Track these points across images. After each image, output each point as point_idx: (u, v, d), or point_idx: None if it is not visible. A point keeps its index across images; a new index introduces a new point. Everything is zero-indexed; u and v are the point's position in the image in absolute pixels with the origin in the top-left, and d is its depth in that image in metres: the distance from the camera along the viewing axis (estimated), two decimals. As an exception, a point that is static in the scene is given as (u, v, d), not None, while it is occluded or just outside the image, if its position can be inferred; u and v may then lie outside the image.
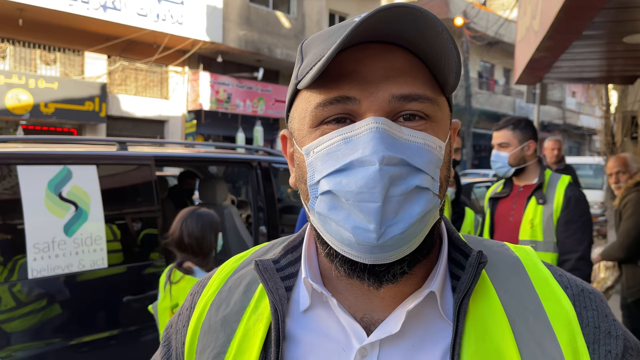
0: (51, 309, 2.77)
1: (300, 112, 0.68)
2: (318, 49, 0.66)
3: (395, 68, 0.63)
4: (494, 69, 27.32)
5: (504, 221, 2.93)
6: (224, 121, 15.76)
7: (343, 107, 0.63)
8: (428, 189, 0.62)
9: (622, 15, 3.61)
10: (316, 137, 0.65)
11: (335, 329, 0.69)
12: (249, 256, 0.85)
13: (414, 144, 0.62)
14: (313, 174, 0.65)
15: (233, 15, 14.65)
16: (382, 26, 0.60)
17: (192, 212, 2.69)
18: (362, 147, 0.60)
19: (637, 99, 6.41)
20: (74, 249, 2.82)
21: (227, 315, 0.75)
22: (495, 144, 2.93)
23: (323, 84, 0.63)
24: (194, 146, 6.25)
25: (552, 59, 4.83)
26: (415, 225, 0.61)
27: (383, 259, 0.61)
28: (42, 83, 11.96)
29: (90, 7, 11.80)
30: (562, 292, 0.69)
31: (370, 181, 0.58)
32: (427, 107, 0.64)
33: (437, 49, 0.61)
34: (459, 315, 0.65)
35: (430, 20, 0.59)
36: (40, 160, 2.81)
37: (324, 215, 0.63)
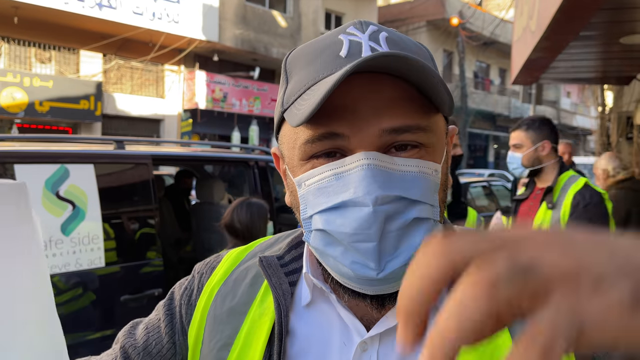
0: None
1: (288, 141, 0.67)
2: (303, 74, 0.65)
3: (384, 99, 0.61)
4: (489, 69, 27.39)
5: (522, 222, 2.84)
6: (220, 120, 15.74)
7: (332, 143, 0.61)
8: (428, 218, 0.61)
9: (619, 16, 3.62)
10: (307, 170, 0.64)
11: (336, 323, 0.70)
12: (254, 248, 0.84)
13: (409, 173, 0.61)
14: (305, 207, 0.65)
15: (229, 14, 14.63)
16: (371, 64, 0.58)
17: (243, 202, 2.87)
18: (353, 187, 0.59)
19: (632, 99, 6.44)
20: (71, 248, 2.81)
21: (234, 307, 0.75)
22: (511, 144, 2.88)
23: (310, 119, 0.60)
24: (190, 145, 6.24)
25: (548, 60, 4.85)
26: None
27: (385, 290, 0.62)
28: (37, 81, 11.90)
29: (86, 5, 11.76)
30: None
31: (365, 223, 0.58)
32: (420, 137, 0.62)
33: (427, 86, 0.60)
34: None
35: (421, 66, 0.57)
36: (38, 159, 2.80)
37: (320, 250, 0.64)
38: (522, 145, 2.80)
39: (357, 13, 18.93)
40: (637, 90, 6.19)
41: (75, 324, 2.84)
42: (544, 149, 2.75)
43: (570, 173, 2.75)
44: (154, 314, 0.87)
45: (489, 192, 8.92)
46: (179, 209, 5.87)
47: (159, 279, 3.21)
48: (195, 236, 5.07)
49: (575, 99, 31.70)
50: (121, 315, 3.03)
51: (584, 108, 30.13)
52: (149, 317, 0.88)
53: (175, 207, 5.84)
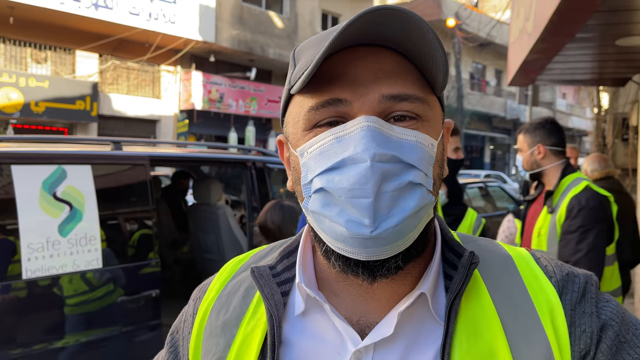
0: (45, 309, 2.75)
1: (294, 116, 0.69)
2: (309, 53, 0.67)
3: (384, 69, 0.64)
4: (485, 70, 27.46)
5: (529, 225, 2.83)
6: (217, 121, 15.73)
7: (335, 110, 0.64)
8: (421, 184, 0.62)
9: (615, 18, 3.64)
10: (310, 139, 0.66)
11: (330, 332, 0.70)
12: (247, 260, 0.85)
13: (406, 141, 0.63)
14: (307, 173, 0.66)
15: (226, 14, 14.62)
16: (370, 28, 0.61)
17: (276, 203, 3.01)
18: (353, 145, 0.61)
19: (628, 101, 6.47)
20: (69, 249, 2.80)
21: (227, 320, 0.76)
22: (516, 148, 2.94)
23: (314, 87, 0.64)
24: (186, 146, 6.24)
25: (545, 61, 4.87)
26: (410, 220, 0.61)
27: (377, 255, 0.62)
28: (33, 82, 11.87)
29: (82, 5, 11.73)
30: (547, 283, 0.69)
31: (362, 178, 0.59)
32: (418, 107, 0.64)
33: (423, 49, 0.62)
34: (450, 316, 0.66)
35: (415, 21, 0.59)
36: (35, 160, 2.79)
37: (317, 212, 0.64)
38: (521, 150, 2.82)
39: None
40: (632, 91, 6.22)
41: (73, 325, 2.83)
42: (540, 152, 2.72)
43: (574, 176, 2.66)
44: (163, 350, 0.88)
45: (485, 193, 8.95)
46: (175, 210, 5.87)
47: (156, 280, 3.21)
48: (192, 237, 5.07)
49: (571, 100, 31.82)
50: (118, 316, 3.02)
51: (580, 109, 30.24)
52: (160, 353, 0.89)
53: (172, 208, 5.84)
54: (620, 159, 6.85)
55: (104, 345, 2.94)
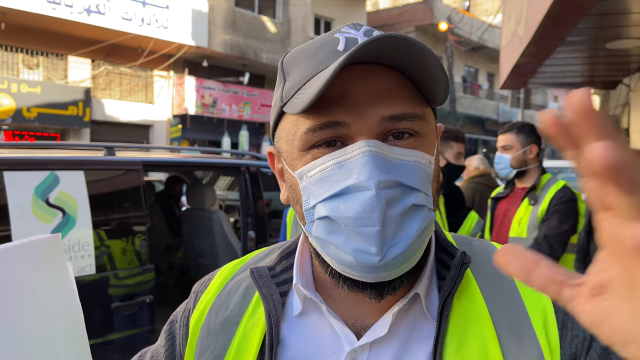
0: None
1: (287, 134, 0.68)
2: (301, 69, 0.66)
3: (382, 88, 0.63)
4: (477, 73, 27.59)
5: (501, 220, 3.05)
6: (210, 126, 15.70)
7: (333, 132, 0.63)
8: (424, 205, 0.63)
9: (605, 22, 3.67)
10: (307, 161, 0.65)
11: (327, 333, 0.71)
12: (247, 261, 0.86)
13: (406, 162, 0.63)
14: (308, 198, 0.65)
15: (218, 19, 14.62)
16: (369, 53, 0.60)
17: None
18: (356, 172, 0.60)
19: (618, 103, 6.52)
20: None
21: (227, 318, 0.77)
22: (499, 146, 3.04)
23: (312, 108, 0.62)
24: (180, 151, 6.22)
25: (536, 64, 4.90)
26: (415, 243, 0.62)
27: (385, 278, 0.63)
28: (25, 87, 11.81)
29: (74, 10, 11.70)
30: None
31: (368, 206, 0.59)
32: (416, 125, 0.65)
33: (423, 72, 0.62)
34: (442, 315, 0.67)
35: (420, 49, 0.59)
36: (27, 166, 2.78)
37: (322, 239, 0.64)
38: (512, 147, 2.97)
39: (346, 18, 19.00)
40: (623, 94, 6.27)
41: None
42: (532, 152, 2.93)
43: (550, 176, 2.98)
44: (158, 341, 0.89)
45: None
46: (169, 215, 5.85)
47: (150, 286, 3.20)
48: (186, 242, 5.05)
49: (563, 103, 32.00)
50: (112, 322, 3.00)
51: (571, 112, 30.34)
52: (155, 345, 0.90)
53: (165, 213, 5.82)
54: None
55: (97, 352, 2.92)
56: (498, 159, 3.03)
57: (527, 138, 2.94)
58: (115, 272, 3.04)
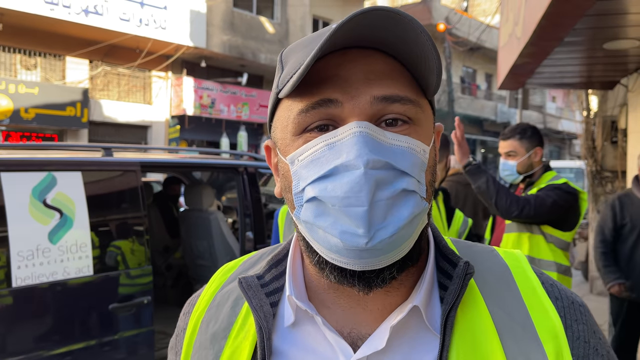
0: (35, 317, 2.72)
1: (282, 120, 0.67)
2: (297, 57, 0.66)
3: (375, 71, 0.62)
4: (476, 74, 27.62)
5: (501, 220, 3.07)
6: (208, 126, 15.69)
7: (325, 112, 0.62)
8: (415, 191, 0.61)
9: (603, 22, 3.68)
10: (299, 145, 0.64)
11: (322, 344, 0.68)
12: (237, 268, 0.83)
13: (398, 147, 0.61)
14: (298, 182, 0.64)
15: (217, 20, 14.62)
16: (361, 31, 0.59)
17: None
18: (346, 152, 0.59)
19: (616, 104, 6.53)
20: (59, 256, 2.78)
21: (216, 332, 0.75)
22: (503, 152, 3.00)
23: (304, 90, 0.62)
24: (178, 152, 6.22)
25: (534, 65, 4.90)
26: (405, 229, 0.60)
27: (373, 265, 0.60)
28: (23, 88, 11.79)
29: (72, 11, 11.68)
30: (550, 304, 0.68)
31: (356, 185, 0.57)
32: (410, 110, 0.63)
33: (416, 51, 0.61)
34: (446, 328, 0.64)
35: (409, 23, 0.58)
36: (24, 167, 2.77)
37: (310, 222, 0.62)
38: (517, 154, 2.93)
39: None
40: (620, 95, 6.28)
41: (64, 333, 2.80)
42: (537, 155, 2.92)
43: (554, 173, 2.94)
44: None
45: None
46: (167, 216, 5.84)
47: (148, 287, 3.19)
48: (184, 243, 5.05)
49: (561, 103, 32.06)
50: (110, 323, 3.00)
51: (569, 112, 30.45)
52: None
53: (163, 214, 5.81)
54: (610, 161, 6.91)
55: (95, 353, 2.92)
56: (503, 166, 2.98)
57: (530, 142, 2.91)
58: (113, 273, 3.04)
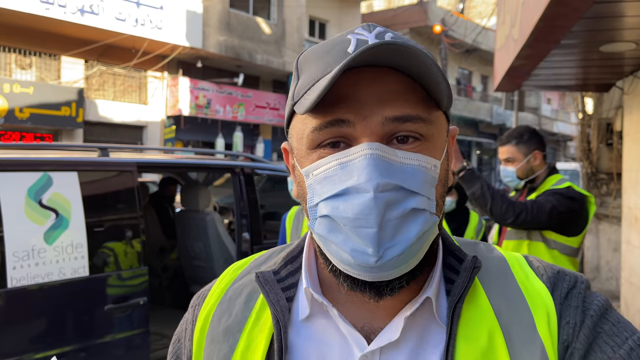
0: (31, 318, 2.71)
1: (297, 132, 0.70)
2: (313, 69, 0.68)
3: (388, 91, 0.64)
4: (471, 76, 27.69)
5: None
6: (204, 127, 15.66)
7: (338, 131, 0.64)
8: (424, 209, 0.63)
9: (600, 25, 3.69)
10: (314, 160, 0.67)
11: (336, 337, 0.71)
12: (248, 265, 0.85)
13: (409, 166, 0.63)
14: (312, 196, 0.67)
15: (213, 20, 14.59)
16: (375, 58, 0.62)
17: None
18: (357, 174, 0.62)
19: (612, 106, 6.56)
20: (55, 257, 2.76)
21: (230, 325, 0.76)
22: (502, 159, 2.96)
23: (318, 108, 0.64)
24: (174, 152, 6.20)
25: (530, 67, 4.92)
26: (413, 246, 0.62)
27: (382, 277, 0.63)
28: (17, 88, 11.73)
29: (68, 11, 11.63)
30: (539, 282, 0.72)
31: (366, 208, 0.60)
32: (421, 127, 0.65)
33: (428, 77, 0.63)
34: (453, 319, 0.67)
35: (420, 57, 0.61)
36: (20, 167, 2.75)
37: (323, 237, 0.65)
38: (515, 160, 2.89)
39: (340, 20, 19.02)
40: (616, 97, 6.31)
41: (59, 334, 2.79)
42: (536, 159, 2.86)
43: (559, 177, 2.86)
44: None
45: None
46: (163, 217, 5.82)
47: (144, 288, 3.18)
48: (180, 244, 5.03)
49: (556, 105, 32.19)
50: (105, 324, 2.98)
51: (565, 114, 30.60)
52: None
53: (159, 214, 5.79)
54: (605, 163, 6.94)
55: (91, 354, 2.90)
56: (504, 172, 2.95)
57: (528, 146, 2.87)
58: (108, 274, 3.02)
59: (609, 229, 7.10)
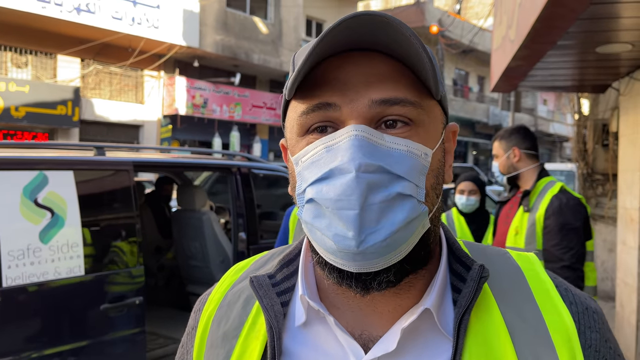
0: (26, 318, 2.70)
1: (290, 121, 0.69)
2: (302, 58, 0.66)
3: (376, 73, 0.62)
4: (468, 76, 27.74)
5: (502, 224, 3.03)
6: (200, 126, 15.64)
7: (325, 114, 0.63)
8: (411, 196, 0.60)
9: (596, 26, 3.70)
10: (303, 147, 0.65)
11: (332, 345, 0.68)
12: (248, 268, 0.84)
13: (396, 151, 0.61)
14: (301, 183, 0.65)
15: (210, 19, 14.57)
16: (353, 34, 0.60)
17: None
18: (341, 155, 0.60)
19: (608, 107, 6.58)
20: (50, 256, 2.75)
21: (227, 330, 0.75)
22: (492, 155, 3.10)
23: (306, 92, 0.63)
24: (170, 152, 6.18)
25: (527, 68, 4.92)
26: (400, 233, 0.59)
27: (367, 267, 0.60)
28: (13, 86, 11.68)
29: (64, 9, 11.60)
30: (564, 307, 0.68)
31: (348, 188, 0.58)
32: (410, 111, 0.63)
33: (411, 52, 0.61)
34: (459, 331, 0.64)
35: (397, 26, 0.58)
36: (15, 166, 2.74)
37: (309, 223, 0.64)
38: (497, 155, 3.01)
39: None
40: (612, 98, 6.33)
41: (54, 333, 2.78)
42: (515, 155, 2.91)
43: (549, 179, 2.85)
44: None
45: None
46: (159, 216, 5.81)
47: (140, 288, 3.17)
48: (176, 243, 5.02)
49: (552, 106, 32.27)
50: (101, 324, 2.97)
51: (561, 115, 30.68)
52: None
53: (155, 214, 5.78)
54: (601, 164, 6.96)
55: (87, 354, 2.89)
56: (493, 168, 3.08)
57: (507, 143, 2.94)
58: (104, 273, 3.01)
59: (605, 229, 7.13)
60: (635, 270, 4.80)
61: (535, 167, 2.90)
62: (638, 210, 4.76)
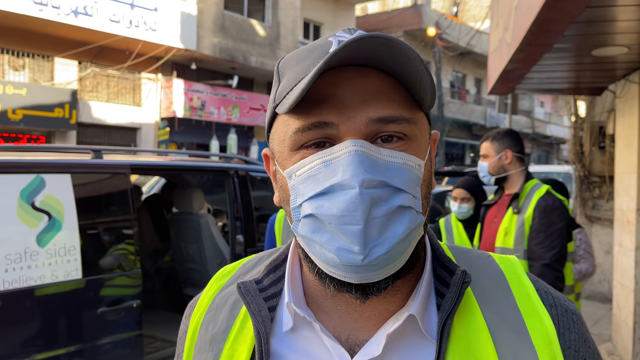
0: (23, 321, 2.69)
1: (279, 134, 0.69)
2: (294, 71, 0.67)
3: (371, 91, 0.63)
4: (465, 78, 27.79)
5: (488, 227, 3.06)
6: (198, 129, 15.63)
7: (322, 132, 0.63)
8: (411, 207, 0.62)
9: (592, 29, 3.72)
10: (296, 161, 0.65)
11: (319, 349, 0.69)
12: (235, 271, 0.85)
13: (393, 164, 0.63)
14: (296, 197, 0.65)
15: (207, 22, 14.58)
16: (355, 52, 0.61)
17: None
18: (342, 171, 0.60)
19: (604, 109, 6.60)
20: (47, 259, 2.75)
21: (215, 334, 0.76)
22: (480, 155, 3.11)
23: (301, 109, 0.63)
24: (167, 154, 6.17)
25: (523, 71, 4.94)
26: (400, 245, 0.61)
27: (370, 278, 0.62)
28: (10, 89, 11.66)
29: (61, 12, 11.59)
30: (544, 310, 0.70)
31: (352, 204, 0.59)
32: (405, 128, 0.64)
33: (410, 71, 0.62)
34: (442, 335, 0.66)
35: (403, 49, 0.60)
36: (12, 169, 2.74)
37: (307, 237, 0.64)
38: (487, 155, 3.04)
39: (335, 23, 19.04)
40: (608, 100, 6.35)
41: (52, 337, 2.77)
42: (507, 157, 2.97)
43: (535, 181, 2.96)
44: None
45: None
46: (157, 219, 5.80)
47: (137, 290, 3.16)
48: (174, 246, 5.01)
49: (549, 108, 32.34)
50: (98, 327, 2.97)
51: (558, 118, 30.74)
52: None
53: (153, 216, 5.77)
54: (598, 166, 6.98)
55: (84, 357, 2.89)
56: (479, 168, 3.08)
57: (500, 144, 2.98)
58: (102, 276, 3.01)
59: (602, 231, 7.15)
60: (632, 272, 4.81)
61: (523, 170, 3.00)
62: (634, 213, 4.77)
